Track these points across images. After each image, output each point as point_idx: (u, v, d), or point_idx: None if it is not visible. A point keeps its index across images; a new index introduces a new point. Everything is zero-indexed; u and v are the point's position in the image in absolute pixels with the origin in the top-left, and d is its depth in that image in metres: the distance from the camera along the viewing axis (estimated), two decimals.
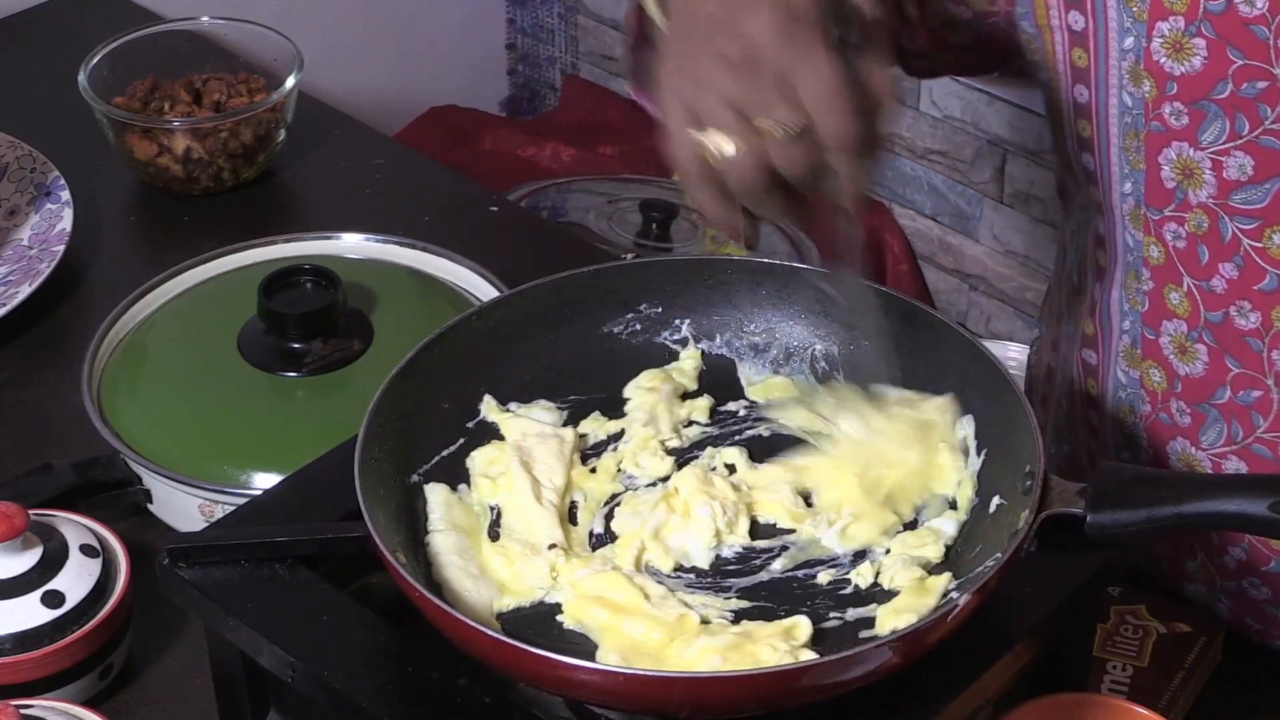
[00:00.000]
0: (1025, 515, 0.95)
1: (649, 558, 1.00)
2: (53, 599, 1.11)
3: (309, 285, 1.31)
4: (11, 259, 1.48)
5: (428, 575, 0.98)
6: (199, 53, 1.67)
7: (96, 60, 1.61)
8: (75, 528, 1.15)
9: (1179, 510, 0.94)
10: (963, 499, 1.02)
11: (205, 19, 1.69)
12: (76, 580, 1.12)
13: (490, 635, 0.90)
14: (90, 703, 1.11)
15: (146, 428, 1.25)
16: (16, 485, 1.22)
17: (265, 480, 1.20)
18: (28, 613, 1.10)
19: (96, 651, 1.12)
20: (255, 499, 1.07)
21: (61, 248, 1.47)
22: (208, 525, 1.10)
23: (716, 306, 1.13)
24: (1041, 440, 0.97)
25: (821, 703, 0.90)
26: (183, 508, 1.23)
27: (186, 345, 1.34)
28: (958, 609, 0.90)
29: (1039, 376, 1.35)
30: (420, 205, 1.59)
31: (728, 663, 0.92)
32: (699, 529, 1.01)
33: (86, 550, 1.13)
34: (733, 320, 1.13)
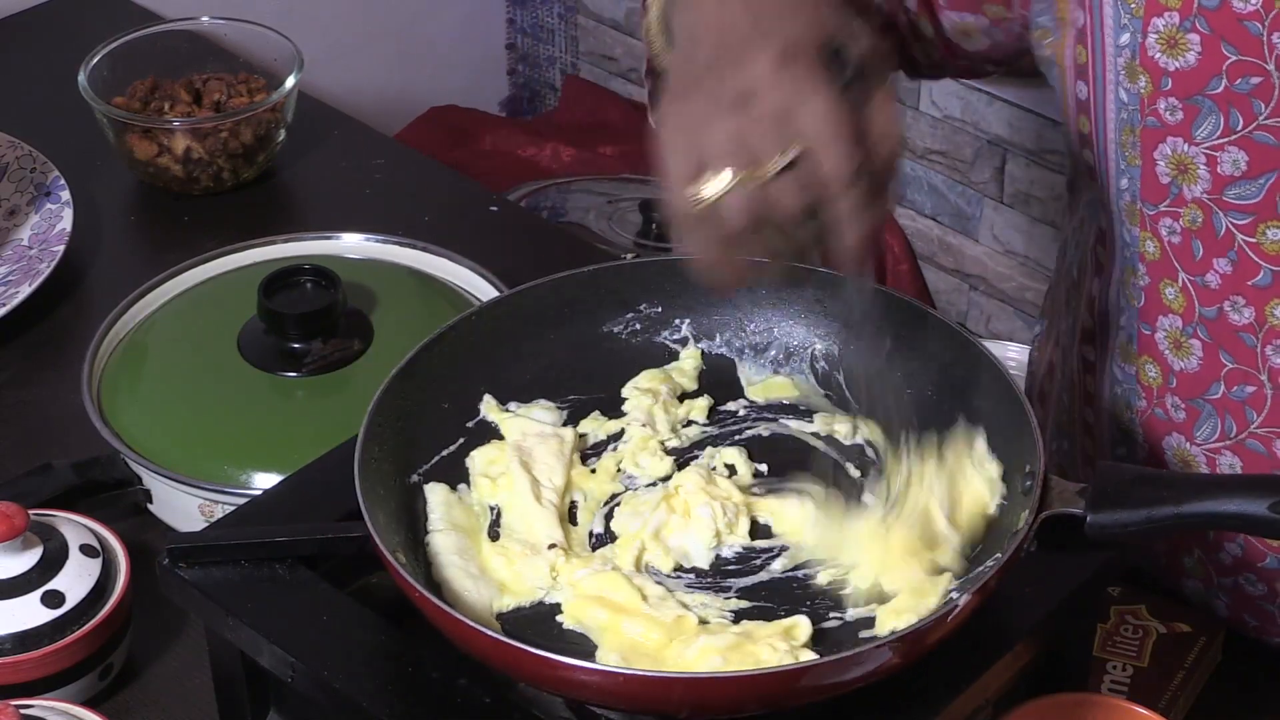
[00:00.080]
0: (1025, 515, 0.95)
1: (649, 558, 1.00)
2: (53, 599, 1.11)
3: (309, 285, 1.31)
4: (11, 259, 1.48)
5: (428, 575, 0.98)
6: (199, 53, 1.67)
7: (96, 60, 1.61)
8: (75, 528, 1.15)
9: (1179, 510, 0.94)
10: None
11: (205, 19, 1.69)
12: (76, 580, 1.12)
13: (490, 635, 0.89)
14: (90, 703, 1.11)
15: (146, 428, 1.25)
16: (16, 485, 1.22)
17: (265, 480, 1.20)
18: (28, 613, 1.10)
19: (96, 651, 1.12)
20: (255, 499, 1.07)
21: (61, 248, 1.47)
22: (208, 525, 1.10)
23: (716, 306, 1.13)
24: (1041, 440, 0.97)
25: (821, 703, 0.90)
26: (183, 508, 1.23)
27: (186, 345, 1.34)
28: (958, 609, 0.90)
29: (1040, 373, 1.35)
30: (420, 205, 1.59)
31: (728, 663, 0.92)
32: (699, 529, 1.01)
33: (86, 550, 1.13)
34: (733, 320, 1.13)
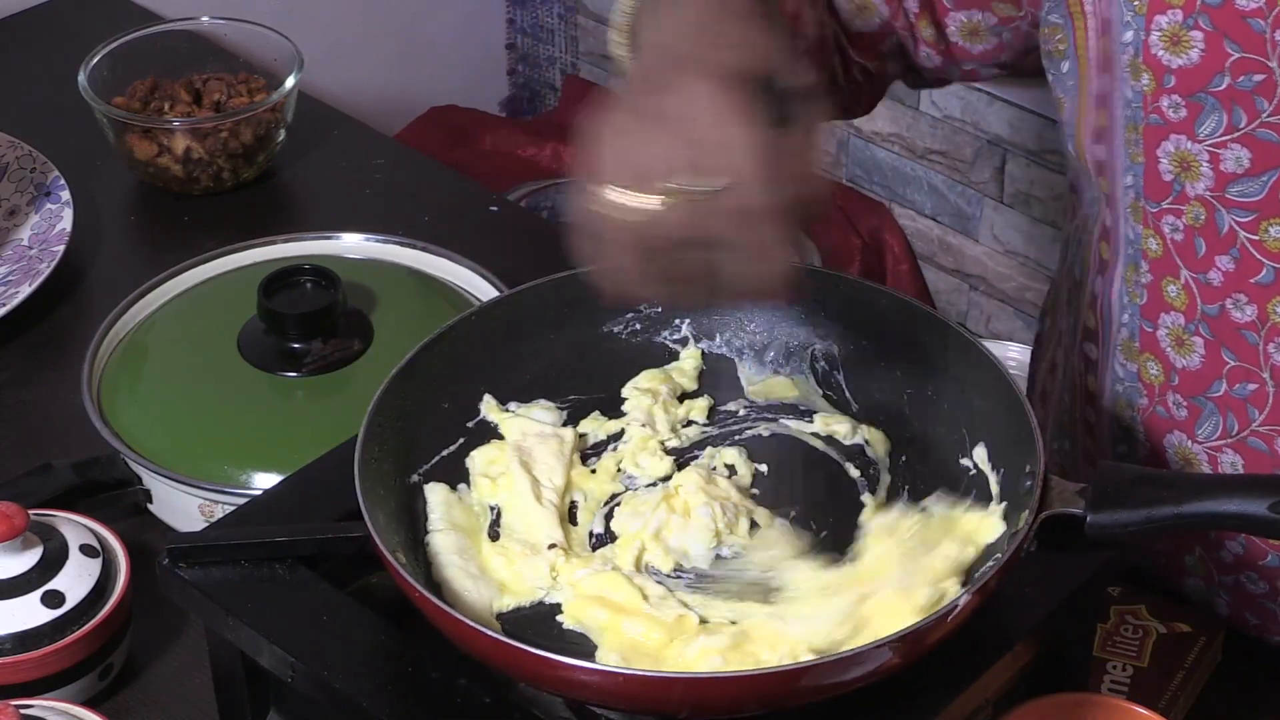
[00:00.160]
0: (1025, 515, 0.95)
1: (649, 558, 1.00)
2: (53, 599, 1.11)
3: (309, 285, 1.31)
4: (11, 259, 1.48)
5: (427, 575, 0.98)
6: (199, 53, 1.67)
7: (96, 60, 1.61)
8: (75, 528, 1.15)
9: (1179, 510, 0.94)
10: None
11: (205, 19, 1.69)
12: (76, 580, 1.12)
13: (490, 635, 0.89)
14: (90, 703, 1.11)
15: (146, 428, 1.25)
16: (16, 485, 1.22)
17: (265, 480, 1.20)
18: (28, 613, 1.10)
19: (96, 651, 1.12)
20: (255, 499, 1.07)
21: (61, 248, 1.47)
22: (208, 525, 1.10)
23: (716, 307, 1.13)
24: (1041, 441, 0.97)
25: (821, 703, 0.90)
26: (183, 508, 1.23)
27: (186, 345, 1.34)
28: (958, 609, 0.90)
29: (1041, 372, 1.35)
30: (420, 205, 1.59)
31: (728, 663, 0.92)
32: (699, 529, 1.01)
33: (86, 550, 1.13)
34: (733, 320, 1.13)
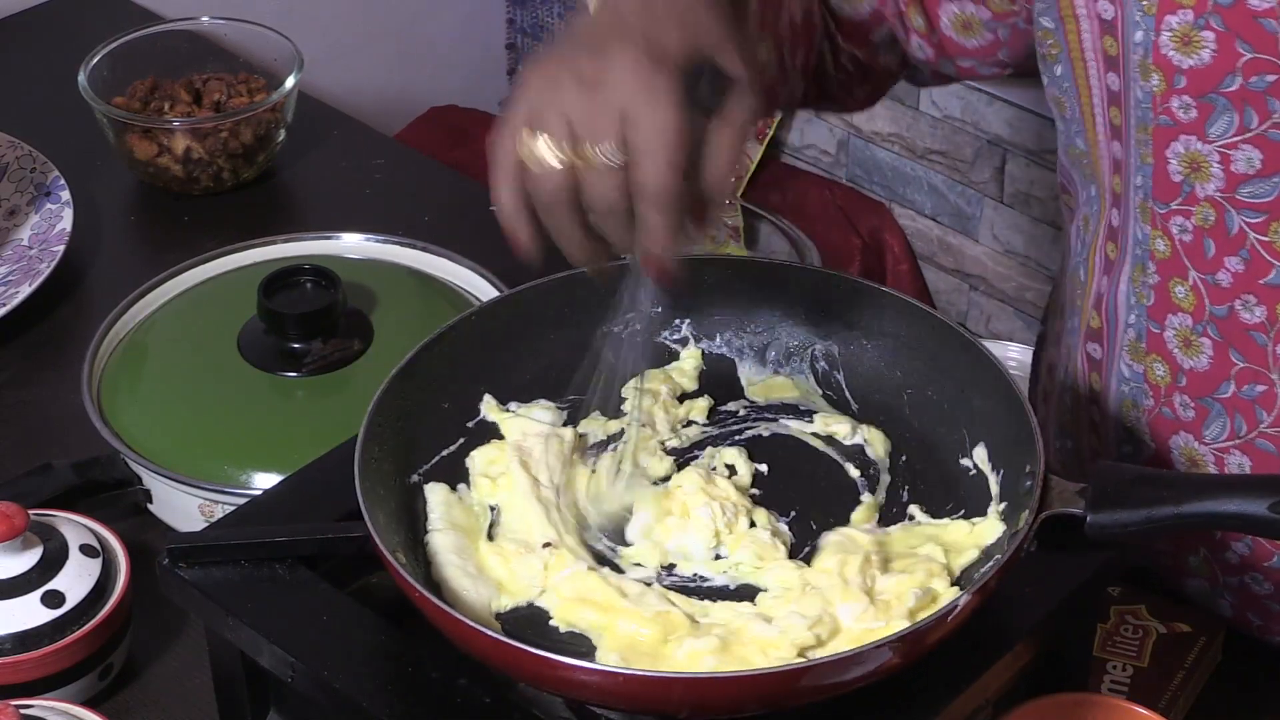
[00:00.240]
0: (1025, 515, 0.95)
1: (645, 557, 1.00)
2: (53, 599, 1.11)
3: (309, 285, 1.31)
4: (11, 259, 1.48)
5: (427, 575, 0.98)
6: (199, 53, 1.67)
7: (96, 60, 1.61)
8: (75, 528, 1.15)
9: (1179, 510, 0.94)
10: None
11: (205, 19, 1.69)
12: (76, 580, 1.12)
13: (490, 635, 0.89)
14: (90, 703, 1.11)
15: (146, 428, 1.25)
16: (16, 485, 1.22)
17: (265, 480, 1.20)
18: (28, 613, 1.10)
19: (96, 651, 1.12)
20: (255, 499, 1.07)
21: (61, 248, 1.47)
22: (208, 525, 1.10)
23: (716, 306, 1.13)
24: (1042, 441, 0.97)
25: (821, 703, 0.90)
26: (183, 508, 1.23)
27: (186, 345, 1.34)
28: (958, 609, 0.90)
29: (1043, 372, 1.35)
30: (420, 205, 1.59)
31: (727, 663, 0.92)
32: (699, 529, 1.01)
33: (86, 550, 1.13)
34: (733, 320, 1.13)
